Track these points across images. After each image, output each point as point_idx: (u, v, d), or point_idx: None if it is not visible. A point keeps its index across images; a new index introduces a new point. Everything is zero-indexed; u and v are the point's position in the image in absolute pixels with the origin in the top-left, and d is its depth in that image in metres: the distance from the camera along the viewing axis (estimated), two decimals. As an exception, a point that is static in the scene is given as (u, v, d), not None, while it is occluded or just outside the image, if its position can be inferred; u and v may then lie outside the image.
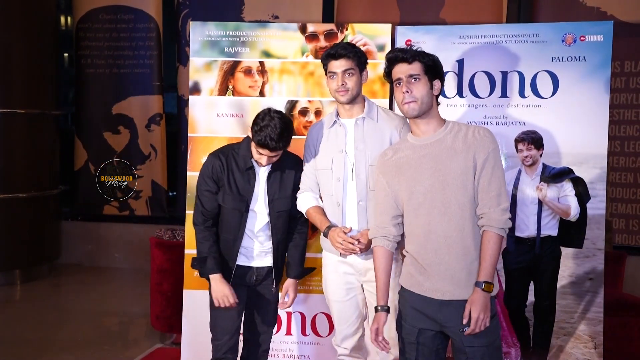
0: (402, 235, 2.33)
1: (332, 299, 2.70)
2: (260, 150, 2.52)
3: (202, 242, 2.67)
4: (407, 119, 2.32)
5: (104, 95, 5.53)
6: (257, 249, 2.70)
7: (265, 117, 2.48)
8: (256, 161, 2.61)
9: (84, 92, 5.64)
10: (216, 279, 2.63)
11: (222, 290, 2.62)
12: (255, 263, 2.71)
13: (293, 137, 2.56)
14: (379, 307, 2.30)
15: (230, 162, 2.64)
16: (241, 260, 2.70)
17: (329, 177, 2.62)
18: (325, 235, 2.64)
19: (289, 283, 2.78)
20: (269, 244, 2.70)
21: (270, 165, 2.63)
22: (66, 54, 11.05)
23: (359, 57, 2.55)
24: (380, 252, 2.33)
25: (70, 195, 5.81)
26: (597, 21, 3.19)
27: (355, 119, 2.59)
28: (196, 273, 2.94)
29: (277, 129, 2.45)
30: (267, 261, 2.72)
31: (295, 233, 2.76)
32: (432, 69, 2.21)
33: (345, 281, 2.65)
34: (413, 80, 2.18)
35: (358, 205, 2.56)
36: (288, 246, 2.77)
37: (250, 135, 2.56)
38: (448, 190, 2.13)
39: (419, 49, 2.25)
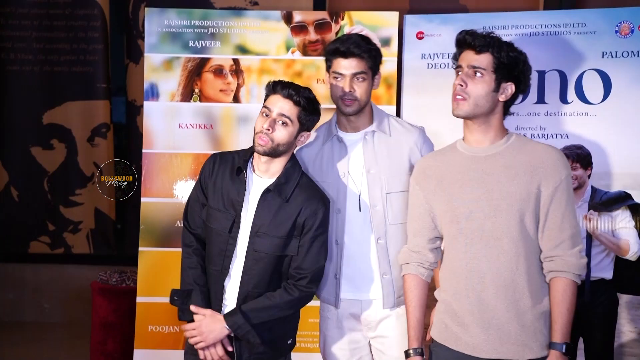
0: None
1: (330, 358, 2.70)
2: (269, 101, 2.40)
3: (186, 270, 2.53)
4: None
5: (32, 99, 5.54)
6: (226, 307, 2.50)
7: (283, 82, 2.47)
8: (252, 168, 2.49)
9: (4, 96, 5.66)
10: (207, 315, 2.46)
11: (211, 332, 2.42)
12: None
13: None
14: (412, 351, 2.32)
15: (224, 164, 2.53)
16: None
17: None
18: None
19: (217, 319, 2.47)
20: (233, 300, 2.49)
21: (273, 182, 2.46)
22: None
23: (374, 58, 2.52)
24: (413, 282, 2.37)
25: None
26: (661, 5, 3.25)
27: (362, 133, 2.59)
28: (166, 330, 2.81)
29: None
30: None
31: (280, 287, 2.49)
32: (506, 67, 2.21)
33: (350, 339, 2.65)
34: (473, 74, 2.21)
35: (377, 244, 2.56)
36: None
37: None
38: (499, 219, 2.17)
39: (495, 36, 2.23)
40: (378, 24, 3.37)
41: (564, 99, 3.23)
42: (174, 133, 3.42)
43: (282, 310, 2.48)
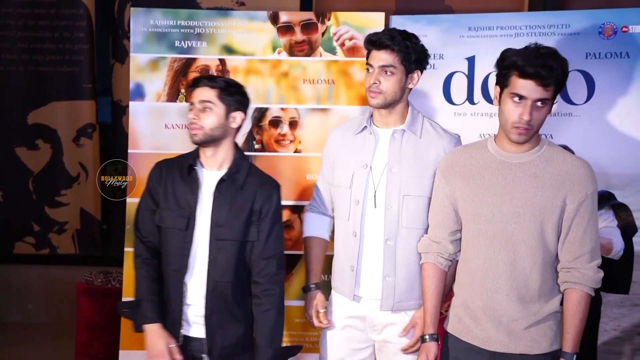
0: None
1: (327, 357, 2.69)
2: (194, 94, 2.48)
3: (138, 281, 2.56)
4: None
5: (17, 99, 5.49)
6: (195, 308, 2.53)
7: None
8: (200, 164, 2.54)
9: (-10, 96, 5.62)
10: (152, 330, 2.50)
11: (155, 346, 2.47)
12: (193, 330, 2.54)
13: (262, 153, 2.58)
14: (427, 336, 2.42)
15: (172, 169, 2.58)
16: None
17: (346, 198, 2.61)
18: (305, 292, 2.72)
19: None
20: (198, 297, 2.51)
21: (225, 173, 2.54)
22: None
23: (406, 53, 2.48)
24: (431, 271, 2.44)
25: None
26: (642, 7, 3.25)
27: (392, 130, 2.59)
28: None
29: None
30: (200, 330, 2.53)
31: (260, 296, 2.52)
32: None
33: (350, 337, 2.64)
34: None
35: (385, 244, 2.54)
36: (237, 312, 2.55)
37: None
38: (521, 225, 2.23)
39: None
40: (364, 25, 3.37)
41: (548, 99, 3.24)
42: (160, 133, 3.41)
43: (281, 313, 2.55)
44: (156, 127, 3.41)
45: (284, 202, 3.29)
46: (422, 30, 3.33)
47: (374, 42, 2.52)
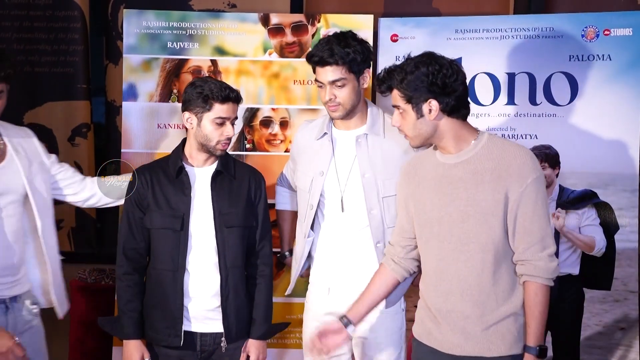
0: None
1: (307, 352, 2.71)
2: (223, 110, 2.49)
3: (118, 294, 2.61)
4: None
5: (14, 100, 5.45)
6: (197, 303, 2.57)
7: (196, 82, 2.58)
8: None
9: (-13, 97, 5.59)
10: (130, 345, 2.56)
11: (141, 353, 2.56)
12: (196, 327, 2.59)
13: (253, 152, 2.60)
14: (343, 318, 2.38)
15: (156, 173, 2.61)
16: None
17: (305, 201, 2.65)
18: (282, 260, 2.83)
19: (252, 344, 2.65)
20: (215, 291, 2.56)
21: (215, 167, 2.59)
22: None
23: (350, 62, 2.48)
24: (379, 269, 2.44)
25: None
26: (625, 11, 3.29)
27: (355, 137, 2.58)
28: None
29: (219, 81, 2.57)
30: (214, 325, 2.59)
31: (257, 276, 2.67)
32: None
33: None
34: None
35: (376, 247, 2.58)
36: (246, 294, 2.65)
37: (190, 127, 2.55)
38: (468, 225, 2.18)
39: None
40: (353, 27, 3.29)
41: (533, 100, 3.26)
42: (153, 133, 3.40)
43: (272, 292, 2.70)
44: (149, 126, 3.40)
45: (274, 201, 3.30)
46: (409, 33, 3.37)
47: (316, 61, 2.51)
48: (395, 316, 2.61)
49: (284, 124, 3.40)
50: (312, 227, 2.68)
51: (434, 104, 2.15)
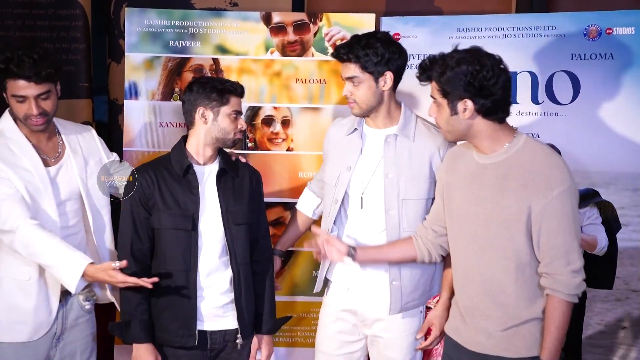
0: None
1: (319, 348, 2.72)
2: (238, 104, 2.55)
3: (126, 297, 2.53)
4: None
5: (16, 98, 5.48)
6: (208, 301, 2.56)
7: (203, 79, 2.65)
8: (195, 162, 2.57)
9: (-9, 95, 5.58)
10: (141, 349, 2.52)
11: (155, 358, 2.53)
12: (208, 325, 2.57)
13: (254, 151, 2.59)
14: (350, 249, 2.45)
15: (160, 172, 2.57)
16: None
17: (330, 196, 2.65)
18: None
19: (260, 339, 2.68)
20: (226, 288, 2.57)
21: (218, 165, 2.60)
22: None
23: (365, 61, 2.46)
24: (407, 239, 2.48)
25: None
26: (627, 10, 3.26)
27: (385, 136, 2.57)
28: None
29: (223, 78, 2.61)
30: (225, 322, 2.58)
31: (261, 273, 2.68)
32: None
33: (340, 330, 2.65)
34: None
35: None
36: (254, 289, 2.66)
37: (204, 123, 2.54)
38: (490, 229, 2.16)
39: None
40: (355, 26, 3.35)
41: (534, 99, 3.25)
42: (155, 131, 3.39)
43: (273, 288, 2.73)
44: (150, 125, 3.39)
45: (276, 200, 3.30)
46: (411, 31, 3.35)
47: (334, 56, 2.56)
48: (413, 318, 2.59)
49: (285, 123, 3.38)
50: (334, 223, 2.66)
51: (469, 104, 2.12)
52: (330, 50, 3.36)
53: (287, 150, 3.38)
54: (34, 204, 2.49)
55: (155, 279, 2.42)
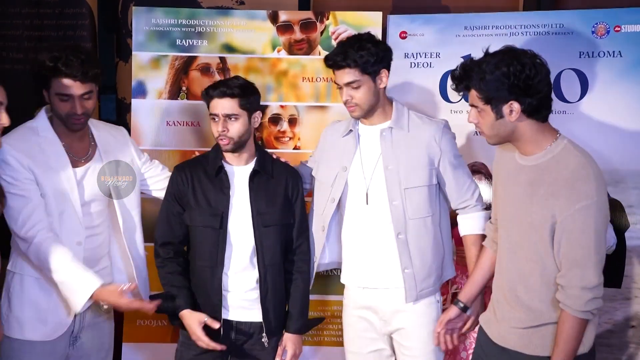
0: None
1: (348, 348, 2.74)
2: (215, 104, 2.54)
3: (164, 277, 2.62)
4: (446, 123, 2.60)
5: (24, 97, 5.47)
6: (234, 294, 2.61)
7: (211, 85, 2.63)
8: (227, 162, 2.62)
9: (-1, 94, 5.59)
10: (186, 316, 2.56)
11: (193, 329, 2.53)
12: (233, 315, 2.62)
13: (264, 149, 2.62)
14: (456, 301, 2.50)
15: (196, 171, 2.64)
16: None
17: (325, 195, 2.67)
18: None
19: (288, 338, 2.69)
20: (252, 286, 2.60)
21: (253, 166, 2.63)
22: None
23: (364, 63, 2.48)
24: (483, 252, 2.51)
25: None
26: (635, 7, 3.24)
27: (380, 130, 2.60)
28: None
29: (229, 78, 2.63)
30: (251, 314, 2.62)
31: (294, 272, 2.70)
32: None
33: (365, 328, 2.66)
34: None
35: (397, 239, 2.56)
36: (284, 289, 2.69)
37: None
38: (519, 231, 2.16)
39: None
40: (362, 24, 3.33)
41: (543, 97, 3.22)
42: (162, 130, 3.38)
43: (309, 288, 2.74)
44: (158, 124, 3.38)
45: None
46: (418, 30, 3.35)
47: (330, 65, 2.56)
48: (430, 307, 2.61)
49: (292, 121, 3.38)
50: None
51: (515, 105, 2.07)
52: (337, 48, 3.35)
53: (294, 148, 3.38)
54: (58, 204, 2.50)
55: (158, 302, 2.49)
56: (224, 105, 2.52)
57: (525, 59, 2.07)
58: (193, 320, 2.54)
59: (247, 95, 2.55)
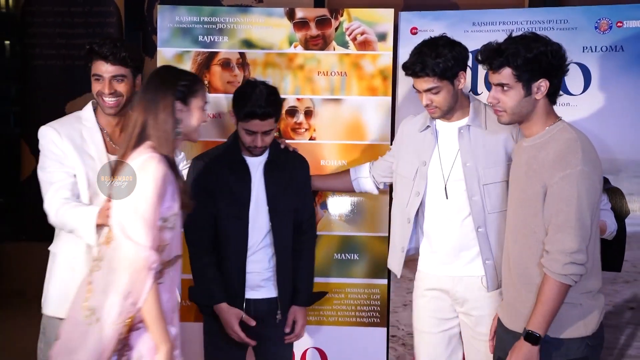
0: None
1: (418, 327, 2.78)
2: (250, 125, 2.61)
3: (198, 269, 2.74)
4: None
5: (56, 91, 5.61)
6: (252, 276, 2.75)
7: (246, 88, 2.67)
8: (250, 148, 2.69)
9: (32, 88, 5.73)
10: (223, 309, 2.71)
11: (230, 323, 2.69)
12: (251, 294, 2.76)
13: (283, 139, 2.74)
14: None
15: (216, 161, 2.74)
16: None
17: (408, 188, 2.72)
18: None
19: (295, 310, 2.83)
20: (267, 265, 2.75)
21: (267, 156, 2.74)
22: (7, 42, 11.03)
23: (442, 70, 2.48)
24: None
25: (13, 211, 5.84)
26: (637, 4, 3.28)
27: (457, 128, 2.63)
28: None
29: (263, 94, 2.61)
30: (265, 291, 2.77)
31: (302, 249, 2.84)
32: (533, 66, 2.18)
33: (436, 308, 2.72)
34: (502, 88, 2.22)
35: (477, 232, 2.60)
36: (293, 266, 2.82)
37: (235, 122, 2.69)
38: (518, 212, 2.24)
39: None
40: (375, 20, 3.41)
41: (547, 89, 3.28)
42: (186, 123, 3.47)
43: (314, 260, 2.89)
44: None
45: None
46: (428, 26, 3.39)
47: (409, 74, 2.57)
48: (499, 296, 2.59)
49: (308, 113, 3.46)
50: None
51: (544, 83, 2.16)
52: (351, 44, 3.43)
53: (309, 139, 3.46)
54: (92, 190, 2.57)
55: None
56: (264, 124, 2.64)
57: (555, 43, 2.19)
58: (231, 315, 2.69)
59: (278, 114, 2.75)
